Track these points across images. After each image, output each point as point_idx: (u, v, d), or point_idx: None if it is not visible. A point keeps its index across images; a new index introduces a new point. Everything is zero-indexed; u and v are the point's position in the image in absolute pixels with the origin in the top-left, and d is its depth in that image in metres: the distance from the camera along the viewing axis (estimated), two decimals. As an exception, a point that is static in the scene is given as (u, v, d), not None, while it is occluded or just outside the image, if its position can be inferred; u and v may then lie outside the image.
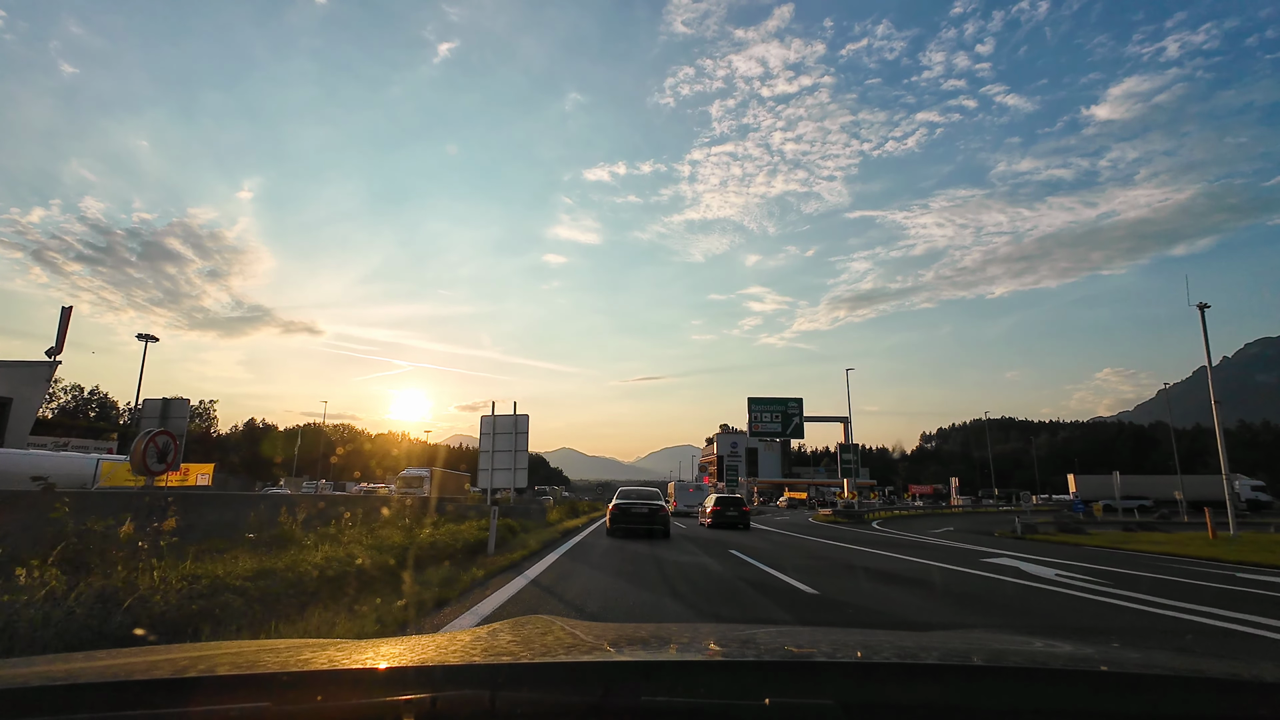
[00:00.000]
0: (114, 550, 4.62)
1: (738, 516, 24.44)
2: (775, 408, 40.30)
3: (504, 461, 22.73)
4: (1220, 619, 6.64)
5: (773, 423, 40.09)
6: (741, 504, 25.40)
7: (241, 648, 1.33)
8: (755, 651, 1.26)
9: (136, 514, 5.55)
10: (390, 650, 1.08)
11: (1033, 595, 8.06)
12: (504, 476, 22.49)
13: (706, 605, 6.69)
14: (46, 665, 1.08)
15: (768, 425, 40.11)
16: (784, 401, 40.40)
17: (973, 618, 6.53)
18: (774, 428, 40.05)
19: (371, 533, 9.63)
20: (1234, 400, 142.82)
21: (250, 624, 4.39)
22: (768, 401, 40.51)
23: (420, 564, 8.09)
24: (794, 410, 40.15)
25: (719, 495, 26.34)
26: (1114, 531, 26.36)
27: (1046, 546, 18.56)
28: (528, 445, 22.90)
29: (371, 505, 13.26)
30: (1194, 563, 13.61)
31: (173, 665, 1.02)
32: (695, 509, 34.14)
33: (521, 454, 22.83)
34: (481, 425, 23.43)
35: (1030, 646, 1.38)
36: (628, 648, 1.26)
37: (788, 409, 40.21)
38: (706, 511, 25.74)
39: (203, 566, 5.04)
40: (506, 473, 22.61)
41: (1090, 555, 15.39)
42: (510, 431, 23.09)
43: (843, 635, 1.52)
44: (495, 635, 1.25)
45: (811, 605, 6.95)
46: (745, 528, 23.99)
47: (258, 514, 8.16)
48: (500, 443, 22.94)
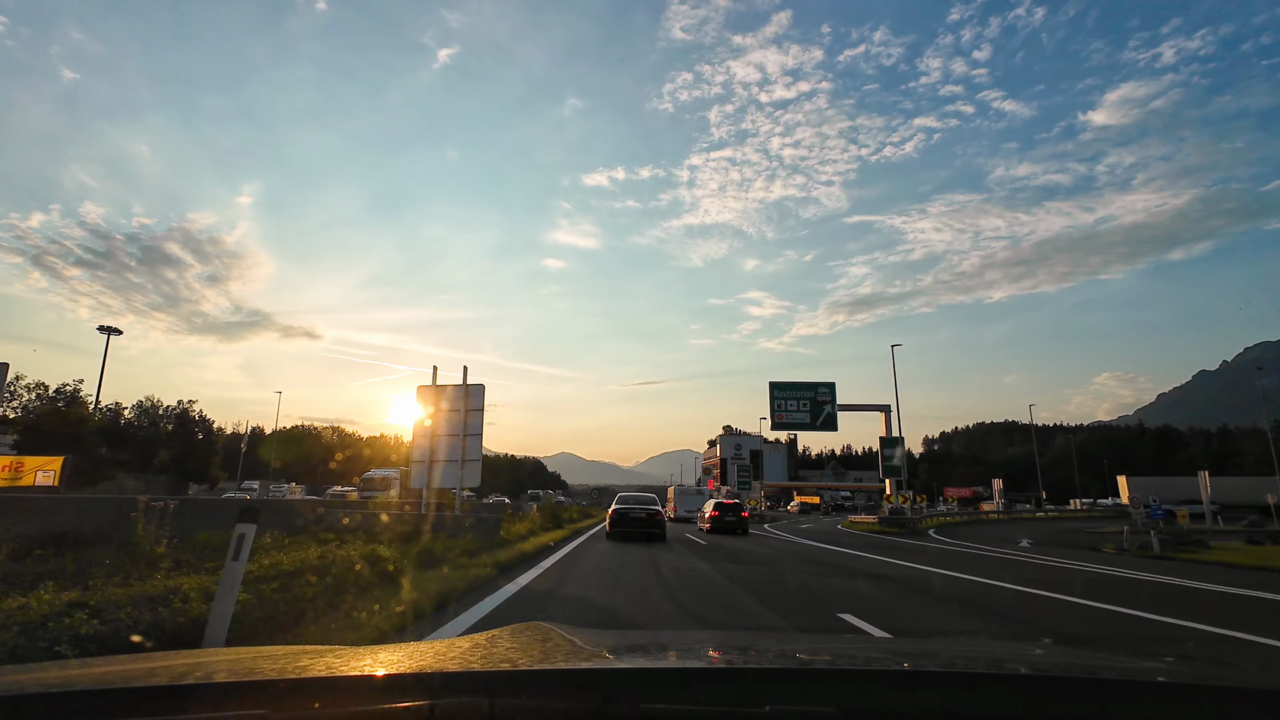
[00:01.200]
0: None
1: (736, 522, 24.37)
2: (803, 394, 33.65)
3: (448, 451, 16.10)
4: None
5: (799, 412, 33.42)
6: (740, 509, 25.13)
7: (239, 654, 1.34)
8: (755, 659, 1.28)
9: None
10: (389, 657, 1.09)
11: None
12: (448, 473, 15.90)
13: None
14: (42, 672, 1.06)
15: (793, 415, 33.45)
16: (813, 387, 33.74)
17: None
18: (801, 418, 33.40)
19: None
20: (1234, 404, 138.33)
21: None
22: (794, 387, 33.85)
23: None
24: (825, 397, 33.49)
25: (718, 501, 25.99)
26: (1269, 546, 19.95)
27: (1249, 575, 12.21)
28: (481, 429, 16.30)
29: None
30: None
31: (170, 672, 1.01)
32: (695, 514, 32.50)
33: (474, 441, 16.17)
34: (418, 400, 16.88)
35: (1031, 654, 1.45)
36: (627, 655, 1.30)
37: (817, 396, 33.55)
38: (705, 517, 25.58)
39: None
40: (451, 467, 16.00)
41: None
42: (458, 409, 16.45)
43: (843, 643, 1.67)
44: (494, 642, 1.26)
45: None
46: (744, 533, 24.00)
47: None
48: (444, 424, 16.40)
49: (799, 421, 33.28)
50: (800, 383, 33.83)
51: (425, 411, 15.78)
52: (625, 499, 18.87)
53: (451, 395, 15.91)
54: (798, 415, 33.38)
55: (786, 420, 33.36)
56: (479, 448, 15.64)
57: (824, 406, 33.28)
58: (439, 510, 15.14)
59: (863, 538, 23.10)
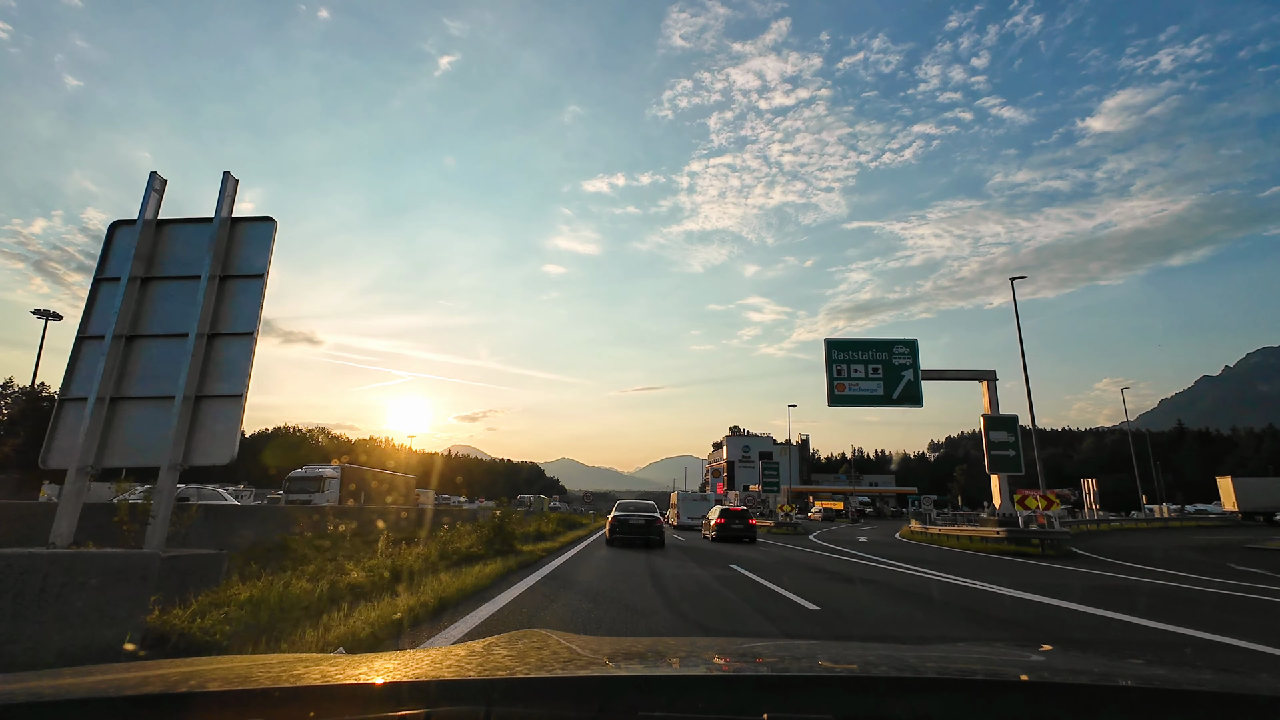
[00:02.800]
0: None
1: (743, 530, 22.51)
2: (873, 356, 23.92)
3: (164, 370, 6.43)
4: None
5: (869, 380, 23.69)
6: (748, 517, 23.20)
7: (233, 663, 1.28)
8: (753, 666, 1.26)
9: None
10: (385, 665, 1.07)
11: None
12: (152, 429, 6.33)
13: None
14: (36, 681, 1.04)
15: (861, 386, 23.70)
16: (886, 346, 24.04)
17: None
18: (870, 389, 23.66)
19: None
20: (1236, 409, 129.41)
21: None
22: (861, 347, 24.12)
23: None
24: (904, 359, 23.78)
25: (724, 508, 24.19)
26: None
27: None
28: (257, 324, 6.60)
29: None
30: None
31: (164, 681, 0.99)
32: (701, 522, 29.98)
33: (236, 346, 6.62)
34: (110, 244, 6.98)
35: (1030, 660, 1.38)
36: (624, 662, 1.25)
37: (893, 358, 23.81)
38: (710, 524, 24.02)
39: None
40: (161, 415, 6.46)
41: None
42: (201, 273, 6.68)
43: (841, 649, 1.58)
44: (491, 650, 1.24)
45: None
46: (751, 541, 22.21)
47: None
48: (159, 306, 6.79)
49: (868, 394, 23.58)
50: (870, 340, 24.15)
51: (117, 276, 6.28)
52: (624, 505, 18.92)
53: (191, 240, 6.49)
54: (866, 385, 23.70)
55: (851, 392, 23.67)
56: (245, 360, 6.10)
57: (902, 373, 23.63)
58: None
59: (1006, 564, 14.50)
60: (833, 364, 23.88)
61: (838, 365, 23.84)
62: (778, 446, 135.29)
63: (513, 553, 12.46)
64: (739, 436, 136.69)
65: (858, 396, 23.39)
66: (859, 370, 23.68)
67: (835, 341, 24.17)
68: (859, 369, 23.69)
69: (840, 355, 23.95)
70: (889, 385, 23.51)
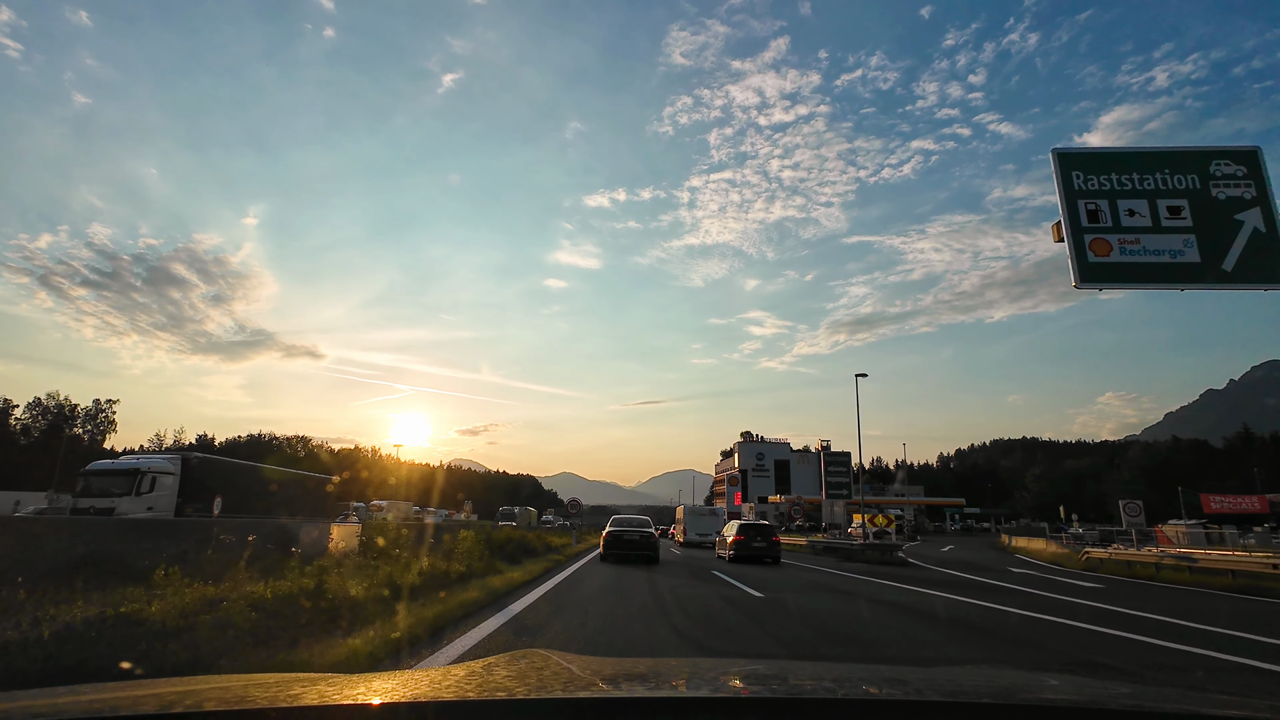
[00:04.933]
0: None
1: (765, 549, 19.42)
2: (1171, 181, 11.38)
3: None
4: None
5: (1167, 229, 11.16)
6: (771, 533, 20.31)
7: (230, 683, 1.28)
8: (756, 687, 1.24)
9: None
10: (383, 685, 1.06)
11: None
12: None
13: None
14: (30, 700, 1.01)
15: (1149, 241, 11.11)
16: (1196, 161, 11.57)
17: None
18: (1171, 247, 11.10)
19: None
20: (1242, 423, 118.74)
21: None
22: (1143, 163, 11.58)
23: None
24: (1236, 188, 11.33)
25: (742, 523, 21.17)
26: None
27: None
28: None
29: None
30: None
31: (159, 700, 0.98)
32: (711, 538, 28.22)
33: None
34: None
35: (1037, 683, 1.36)
36: (625, 683, 1.24)
37: (1213, 185, 11.36)
38: (727, 542, 20.55)
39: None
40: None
41: None
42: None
43: (845, 670, 1.56)
44: (490, 670, 1.23)
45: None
46: (774, 562, 19.24)
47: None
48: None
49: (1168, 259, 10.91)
50: (1160, 151, 11.60)
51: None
52: (619, 521, 18.89)
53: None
54: (1162, 242, 11.02)
55: (1130, 256, 10.94)
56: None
57: (1237, 216, 11.03)
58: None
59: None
60: (1080, 200, 11.25)
61: (1092, 201, 11.21)
62: (795, 455, 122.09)
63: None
64: (751, 443, 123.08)
65: (1144, 266, 10.79)
66: (1142, 211, 11.05)
67: (1083, 155, 11.51)
68: (1141, 207, 11.06)
69: (1097, 183, 11.25)
70: (1208, 242, 10.87)
